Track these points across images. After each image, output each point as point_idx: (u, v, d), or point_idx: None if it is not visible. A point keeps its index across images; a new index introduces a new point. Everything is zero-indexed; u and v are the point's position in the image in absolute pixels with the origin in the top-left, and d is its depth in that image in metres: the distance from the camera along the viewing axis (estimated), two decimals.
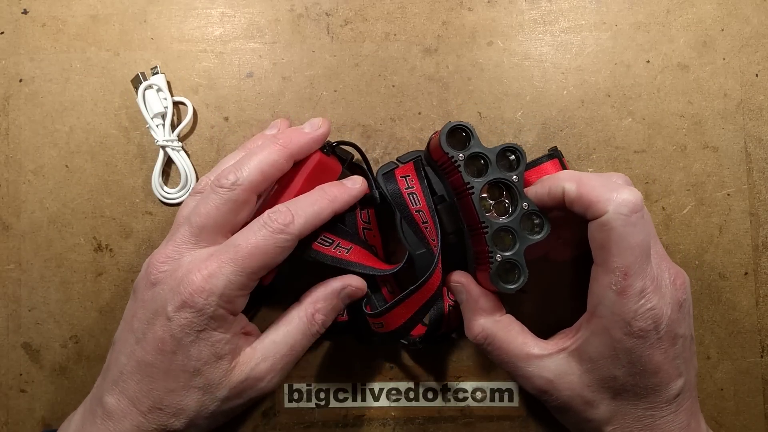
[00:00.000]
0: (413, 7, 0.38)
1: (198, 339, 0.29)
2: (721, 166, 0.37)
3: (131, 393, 0.30)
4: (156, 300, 0.30)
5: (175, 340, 0.29)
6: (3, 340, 0.38)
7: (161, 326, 0.29)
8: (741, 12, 0.38)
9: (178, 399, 0.29)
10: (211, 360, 0.29)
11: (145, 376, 0.29)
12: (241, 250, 0.29)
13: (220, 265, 0.29)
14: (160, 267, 0.31)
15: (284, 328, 0.32)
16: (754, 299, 0.37)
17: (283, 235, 0.30)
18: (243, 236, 0.30)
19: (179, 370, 0.29)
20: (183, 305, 0.29)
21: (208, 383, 0.30)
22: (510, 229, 0.31)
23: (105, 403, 0.30)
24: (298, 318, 0.32)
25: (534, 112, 0.38)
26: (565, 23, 0.38)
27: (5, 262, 0.38)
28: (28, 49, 0.39)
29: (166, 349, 0.29)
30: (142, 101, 0.37)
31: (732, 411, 0.37)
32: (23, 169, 0.38)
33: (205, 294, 0.29)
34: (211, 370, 0.30)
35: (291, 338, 0.31)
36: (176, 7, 0.39)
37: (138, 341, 0.30)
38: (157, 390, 0.29)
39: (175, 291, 0.29)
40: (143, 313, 0.30)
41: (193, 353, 0.29)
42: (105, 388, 0.30)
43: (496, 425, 0.37)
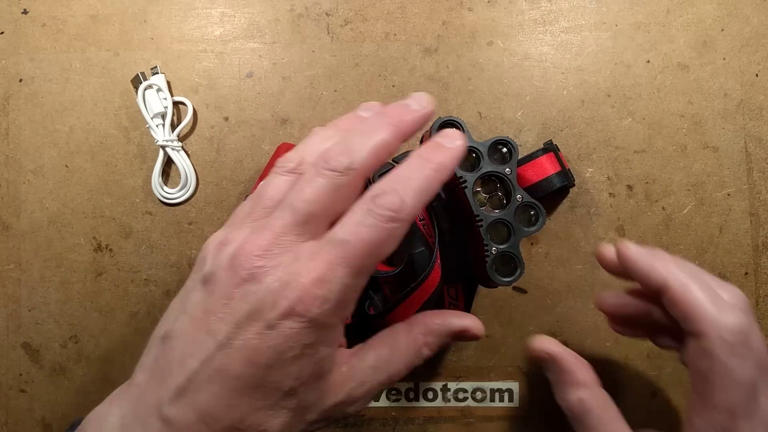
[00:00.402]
0: (413, 7, 0.38)
1: (302, 354, 0.24)
2: (721, 166, 0.37)
3: (203, 407, 0.24)
4: (249, 300, 0.25)
5: (275, 354, 0.24)
6: (3, 340, 0.38)
7: (257, 334, 0.24)
8: (741, 12, 0.38)
9: (263, 419, 0.25)
10: (310, 380, 0.25)
11: (225, 390, 0.24)
12: (351, 248, 0.24)
13: (330, 267, 0.24)
14: (256, 261, 0.25)
15: (387, 354, 0.28)
16: (754, 299, 0.37)
17: (394, 224, 0.25)
18: (349, 229, 0.25)
19: (272, 387, 0.25)
20: (290, 313, 0.24)
21: (301, 405, 0.25)
22: (505, 222, 0.30)
23: (166, 417, 0.25)
24: (405, 346, 0.28)
25: (534, 112, 0.38)
26: (565, 23, 0.38)
27: (5, 262, 0.38)
28: (28, 49, 0.39)
29: (261, 362, 0.24)
30: (142, 101, 0.37)
31: None
32: (23, 169, 0.38)
33: (318, 302, 0.24)
34: (307, 391, 0.25)
35: (393, 367, 0.28)
36: (176, 7, 0.39)
37: (221, 347, 0.24)
38: (240, 408, 0.25)
39: (278, 294, 0.24)
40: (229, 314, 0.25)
41: (293, 370, 0.25)
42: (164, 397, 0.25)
43: (496, 425, 0.37)
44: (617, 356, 0.37)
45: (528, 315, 0.37)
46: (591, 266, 0.37)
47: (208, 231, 0.38)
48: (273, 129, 0.38)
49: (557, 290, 0.37)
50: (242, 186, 0.38)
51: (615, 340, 0.37)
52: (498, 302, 0.37)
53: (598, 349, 0.37)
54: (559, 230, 0.37)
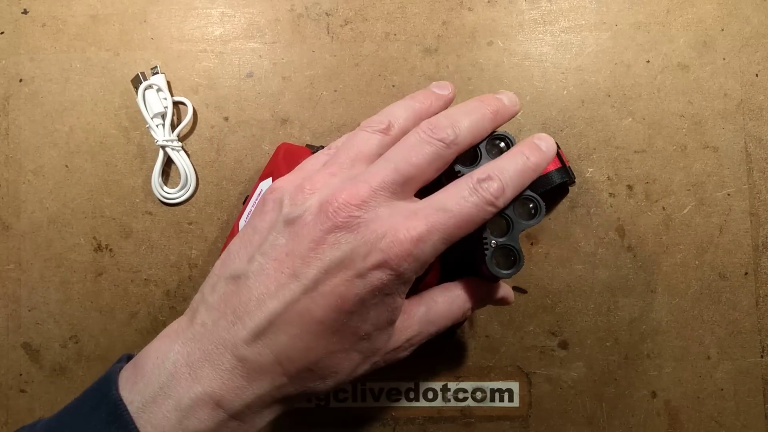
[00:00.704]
0: (413, 7, 0.38)
1: (381, 302, 0.25)
2: (721, 166, 0.37)
3: (281, 349, 0.25)
4: (342, 248, 0.25)
5: (360, 301, 0.25)
6: (3, 340, 0.38)
7: (346, 281, 0.25)
8: (741, 12, 0.38)
9: (336, 362, 0.26)
10: (383, 325, 0.26)
11: (306, 333, 0.25)
12: (452, 218, 0.26)
13: (429, 230, 0.25)
14: (354, 211, 0.25)
15: (443, 309, 0.29)
16: (754, 299, 0.37)
17: (491, 208, 0.26)
18: (453, 200, 0.26)
19: (350, 332, 0.25)
20: (383, 265, 0.25)
21: (371, 348, 0.27)
22: (504, 215, 0.31)
23: (242, 356, 0.25)
24: (458, 307, 0.29)
25: (534, 112, 0.38)
26: (565, 23, 0.38)
27: (5, 262, 0.38)
28: (28, 49, 0.39)
29: (345, 308, 0.25)
30: (142, 101, 0.37)
31: (732, 411, 0.37)
32: (23, 169, 0.38)
33: (411, 259, 0.25)
34: (379, 335, 0.26)
35: (444, 322, 0.29)
36: (176, 7, 0.39)
37: (306, 290, 0.25)
38: (317, 351, 0.25)
39: (373, 246, 0.25)
40: (318, 259, 0.25)
41: (372, 317, 0.26)
42: (240, 336, 0.25)
43: (496, 425, 0.37)
44: (617, 356, 0.37)
45: (528, 315, 0.37)
46: (591, 266, 0.37)
47: (208, 231, 0.38)
48: (273, 129, 0.38)
49: (557, 290, 0.37)
50: (242, 186, 0.38)
51: (615, 340, 0.37)
52: None
53: (598, 349, 0.37)
54: (559, 230, 0.37)
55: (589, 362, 0.37)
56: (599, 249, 0.37)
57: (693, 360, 0.37)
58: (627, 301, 0.37)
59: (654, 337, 0.37)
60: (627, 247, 0.37)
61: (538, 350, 0.37)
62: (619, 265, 0.37)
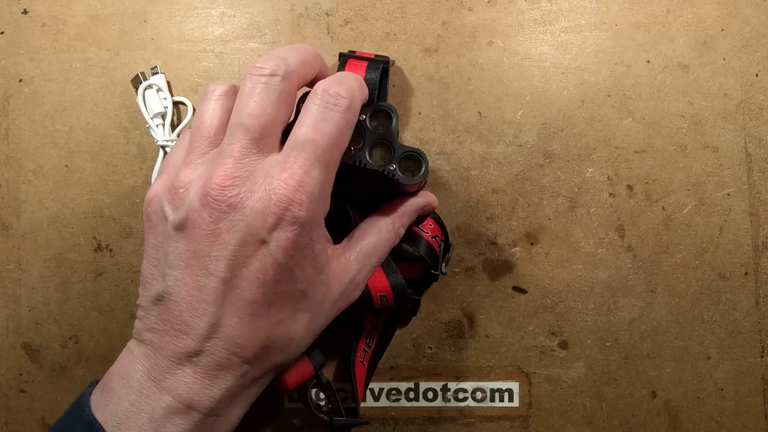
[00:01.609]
0: (413, 7, 0.38)
1: (301, 258, 0.25)
2: (721, 166, 0.37)
3: (229, 340, 0.25)
4: (238, 229, 0.25)
5: (278, 266, 0.25)
6: (3, 340, 0.38)
7: (257, 255, 0.25)
8: (741, 12, 0.38)
9: (285, 329, 0.26)
10: (314, 277, 0.26)
11: (244, 317, 0.25)
12: (320, 145, 0.25)
13: (304, 169, 0.25)
14: (229, 191, 0.25)
15: (374, 239, 0.30)
16: (754, 299, 0.37)
17: (351, 112, 0.26)
18: (310, 128, 0.26)
19: (285, 297, 0.26)
20: (279, 223, 0.25)
21: (313, 303, 0.27)
22: (381, 141, 0.31)
23: (197, 361, 0.25)
24: (387, 231, 0.31)
25: (534, 112, 0.38)
26: (565, 23, 0.38)
27: (5, 262, 0.38)
28: (28, 49, 0.39)
29: (269, 280, 0.25)
30: (142, 101, 0.37)
31: (732, 411, 0.37)
32: (23, 169, 0.38)
33: (301, 203, 0.25)
34: (315, 288, 0.27)
35: (380, 250, 0.30)
36: (176, 7, 0.39)
37: (226, 282, 0.25)
38: (262, 328, 0.26)
39: (263, 212, 0.25)
40: (223, 249, 0.25)
41: (298, 275, 0.26)
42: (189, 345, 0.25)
43: (496, 425, 0.37)
44: (617, 356, 0.37)
45: (528, 315, 0.37)
46: (591, 266, 0.37)
47: None
48: None
49: (557, 290, 0.37)
50: None
51: (615, 341, 0.37)
52: (498, 302, 0.37)
53: (598, 349, 0.37)
54: (559, 230, 0.37)
55: (589, 362, 0.37)
56: (599, 249, 0.37)
57: (693, 360, 0.37)
58: (627, 301, 0.37)
59: (654, 337, 0.37)
60: (627, 247, 0.37)
61: (538, 350, 0.37)
62: (619, 265, 0.37)
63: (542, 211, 0.38)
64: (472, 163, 0.38)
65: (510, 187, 0.38)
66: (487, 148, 0.38)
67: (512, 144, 0.38)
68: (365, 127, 0.31)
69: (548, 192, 0.38)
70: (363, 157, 0.30)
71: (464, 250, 0.37)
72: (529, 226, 0.38)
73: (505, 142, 0.38)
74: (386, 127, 0.31)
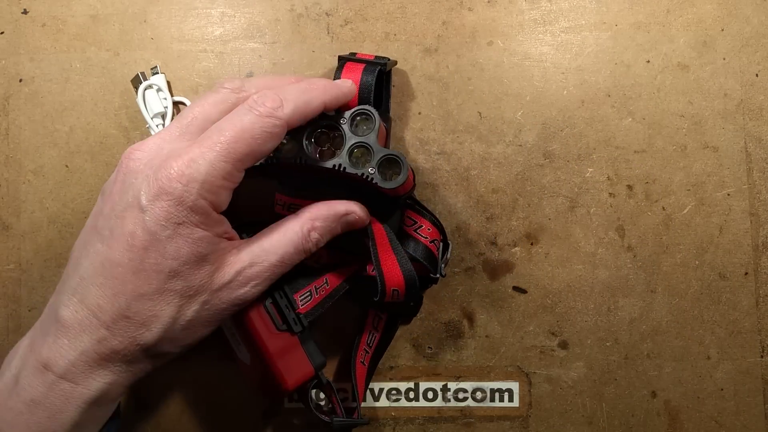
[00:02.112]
0: (413, 7, 0.38)
1: (176, 234, 0.26)
2: (721, 166, 0.37)
3: (92, 301, 0.26)
4: (127, 192, 0.26)
5: (149, 234, 0.25)
6: (3, 340, 0.38)
7: (132, 219, 0.25)
8: (741, 12, 0.38)
9: (150, 305, 0.26)
10: (191, 260, 0.26)
11: (109, 279, 0.26)
12: (225, 134, 0.26)
13: (202, 151, 0.26)
14: (133, 154, 0.27)
15: (278, 236, 0.29)
16: (754, 299, 0.37)
17: (271, 119, 0.27)
18: (228, 120, 0.27)
19: (152, 270, 0.26)
20: (159, 193, 0.25)
21: (187, 286, 0.26)
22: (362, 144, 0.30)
23: (60, 317, 0.26)
24: (293, 231, 0.30)
25: (534, 112, 0.38)
26: (565, 23, 0.38)
27: (5, 262, 0.38)
28: (28, 49, 0.39)
29: (137, 245, 0.25)
30: (142, 101, 0.37)
31: (732, 411, 0.37)
32: (23, 169, 0.38)
33: (185, 179, 0.25)
34: (191, 271, 0.26)
35: (282, 249, 0.29)
36: (176, 7, 0.39)
37: (103, 240, 0.26)
38: (124, 294, 0.26)
39: (150, 179, 0.26)
40: (110, 208, 0.26)
41: (170, 250, 0.26)
42: (60, 301, 0.27)
43: (496, 425, 0.37)
44: (617, 356, 0.37)
45: (528, 315, 0.37)
46: (591, 266, 0.37)
47: None
48: None
49: (557, 290, 0.37)
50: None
51: (615, 341, 0.37)
52: (498, 302, 0.37)
53: (598, 349, 0.37)
54: (559, 230, 0.37)
55: (589, 362, 0.37)
56: (599, 249, 0.37)
57: (693, 360, 0.37)
58: (627, 301, 0.37)
59: (654, 337, 0.37)
60: (627, 247, 0.37)
61: (538, 350, 0.37)
62: (619, 265, 0.37)
63: (542, 211, 0.38)
64: (472, 163, 0.38)
65: (510, 187, 0.38)
66: (487, 148, 0.38)
67: (512, 144, 0.38)
68: (344, 131, 0.31)
69: (548, 192, 0.38)
70: (344, 161, 0.30)
71: (464, 250, 0.37)
72: (529, 226, 0.38)
73: (505, 142, 0.38)
74: (370, 131, 0.31)
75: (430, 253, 0.34)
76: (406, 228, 0.35)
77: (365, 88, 0.32)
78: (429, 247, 0.34)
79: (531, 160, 0.38)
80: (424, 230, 0.34)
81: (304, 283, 0.32)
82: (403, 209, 0.35)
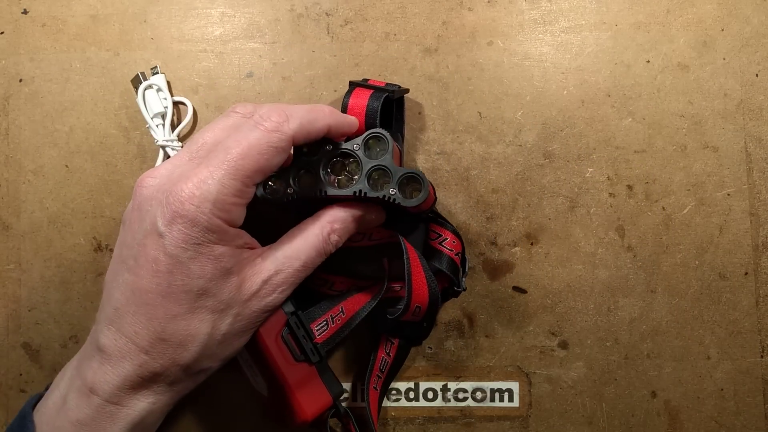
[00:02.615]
0: (413, 7, 0.38)
1: (197, 254, 0.26)
2: (721, 166, 0.37)
3: (129, 328, 0.27)
4: (144, 219, 0.27)
5: (171, 258, 0.26)
6: (3, 340, 0.38)
7: (153, 245, 0.26)
8: (741, 12, 0.38)
9: (184, 325, 0.27)
10: (216, 275, 0.27)
11: (141, 306, 0.26)
12: (232, 151, 0.27)
13: (211, 171, 0.26)
14: (147, 181, 0.28)
15: (300, 242, 0.30)
16: (754, 299, 0.37)
17: (277, 134, 0.27)
18: (233, 138, 0.27)
19: (180, 291, 0.26)
20: (174, 217, 0.26)
21: (218, 301, 0.27)
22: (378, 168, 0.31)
23: (101, 345, 0.27)
24: (314, 234, 0.30)
25: (534, 112, 0.38)
26: (565, 23, 0.38)
27: (5, 262, 0.38)
28: (28, 49, 0.39)
29: (162, 270, 0.26)
30: (142, 101, 0.37)
31: (732, 411, 0.37)
32: (23, 169, 0.38)
33: (196, 200, 0.26)
34: (219, 287, 0.27)
35: (305, 254, 0.30)
36: (176, 7, 0.39)
37: (129, 269, 0.27)
38: (157, 318, 0.26)
39: (164, 204, 0.26)
40: (132, 237, 0.27)
41: (195, 270, 0.26)
42: (100, 330, 0.27)
43: (496, 425, 0.37)
44: (617, 356, 0.37)
45: (528, 315, 0.37)
46: (591, 266, 0.37)
47: None
48: None
49: (557, 290, 0.37)
50: None
51: (615, 341, 0.37)
52: (498, 302, 0.37)
53: (598, 349, 0.37)
54: (559, 230, 0.37)
55: (589, 362, 0.37)
56: (599, 249, 0.37)
57: (693, 360, 0.37)
58: (627, 301, 0.37)
59: (654, 337, 0.37)
60: (627, 247, 0.37)
61: (538, 350, 0.37)
62: (619, 265, 0.37)
63: (542, 211, 0.38)
64: (472, 163, 0.38)
65: (510, 187, 0.38)
66: (487, 148, 0.38)
67: (512, 144, 0.38)
68: (359, 157, 0.31)
69: (548, 192, 0.38)
70: (363, 186, 0.30)
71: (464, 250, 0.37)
72: (529, 226, 0.38)
73: (505, 142, 0.38)
74: (384, 152, 0.31)
75: (454, 265, 0.34)
76: (431, 242, 0.35)
77: (371, 114, 0.32)
78: (454, 260, 0.34)
79: (531, 160, 0.38)
80: (448, 243, 0.35)
81: (320, 312, 0.32)
82: (426, 223, 0.35)
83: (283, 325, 0.31)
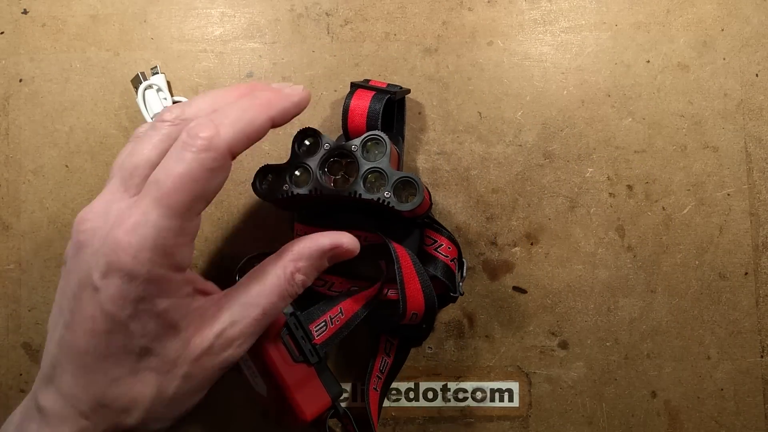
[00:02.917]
0: (413, 7, 0.38)
1: (137, 311, 0.23)
2: (721, 166, 0.37)
3: (67, 391, 0.24)
4: (81, 269, 0.23)
5: (108, 317, 0.23)
6: (3, 340, 0.38)
7: (89, 301, 0.23)
8: (741, 12, 0.38)
9: (126, 389, 0.24)
10: (160, 333, 0.24)
11: (79, 368, 0.23)
12: (162, 186, 0.23)
13: (143, 211, 0.23)
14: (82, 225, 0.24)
15: (257, 287, 0.26)
16: (754, 299, 0.37)
17: (209, 153, 0.23)
18: (162, 169, 0.24)
19: (121, 353, 0.23)
20: (109, 270, 0.22)
21: (163, 362, 0.24)
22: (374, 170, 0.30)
23: (40, 406, 0.24)
24: (275, 276, 0.26)
25: (534, 112, 0.38)
26: (565, 23, 0.38)
27: (5, 262, 0.38)
28: (28, 49, 0.39)
29: (99, 329, 0.23)
30: (142, 101, 0.37)
31: (732, 411, 0.37)
32: (23, 169, 0.38)
33: (132, 250, 0.22)
34: (164, 345, 0.24)
35: (265, 299, 0.26)
36: (176, 7, 0.39)
37: (66, 325, 0.24)
38: (97, 383, 0.24)
39: (99, 254, 0.23)
40: (69, 288, 0.24)
41: (135, 329, 0.23)
42: (39, 389, 0.25)
43: (496, 425, 0.37)
44: (617, 356, 0.37)
45: (528, 315, 0.37)
46: (591, 266, 0.37)
47: (207, 230, 0.38)
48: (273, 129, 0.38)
49: (557, 290, 0.37)
50: (242, 186, 0.38)
51: (615, 341, 0.37)
52: (498, 302, 0.37)
53: (598, 349, 0.37)
54: (559, 230, 0.37)
55: (589, 362, 0.37)
56: (599, 249, 0.37)
57: (693, 360, 0.37)
58: (627, 301, 0.37)
59: (654, 337, 0.37)
60: (627, 247, 0.37)
61: (538, 350, 0.37)
62: (619, 265, 0.37)
63: (542, 211, 0.38)
64: (472, 163, 0.38)
65: (510, 187, 0.38)
66: (487, 148, 0.38)
67: (512, 144, 0.38)
68: (357, 158, 0.31)
69: (548, 192, 0.38)
70: (358, 187, 0.30)
71: (464, 250, 0.37)
72: (529, 226, 0.38)
73: (505, 142, 0.38)
74: (382, 155, 0.31)
75: (450, 271, 0.34)
76: (426, 247, 0.35)
77: (373, 116, 0.32)
78: (449, 266, 0.34)
79: (531, 160, 0.38)
80: (444, 249, 0.34)
81: (319, 313, 0.32)
82: (421, 229, 0.35)
83: (282, 326, 0.31)
